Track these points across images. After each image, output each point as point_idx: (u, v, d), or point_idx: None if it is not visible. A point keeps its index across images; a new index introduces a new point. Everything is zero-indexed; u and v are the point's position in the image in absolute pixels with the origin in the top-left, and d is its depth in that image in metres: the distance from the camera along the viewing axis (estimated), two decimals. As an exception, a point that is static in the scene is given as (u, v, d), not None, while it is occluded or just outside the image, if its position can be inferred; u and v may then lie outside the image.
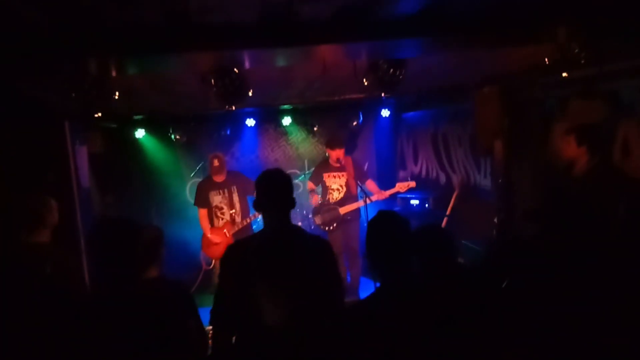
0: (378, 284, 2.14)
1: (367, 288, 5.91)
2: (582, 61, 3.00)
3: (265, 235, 2.44)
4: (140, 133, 7.00)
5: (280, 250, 2.36)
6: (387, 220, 2.12)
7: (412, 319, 1.94)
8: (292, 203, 2.45)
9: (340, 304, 2.48)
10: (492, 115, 4.83)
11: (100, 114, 3.27)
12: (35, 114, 4.77)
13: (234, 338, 2.40)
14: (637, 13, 2.69)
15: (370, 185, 5.76)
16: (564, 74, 3.31)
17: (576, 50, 2.96)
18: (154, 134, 7.18)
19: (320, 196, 6.02)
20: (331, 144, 5.78)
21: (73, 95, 3.02)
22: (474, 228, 5.55)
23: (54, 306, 2.81)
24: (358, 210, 5.84)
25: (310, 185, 6.15)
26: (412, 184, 5.82)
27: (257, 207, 2.48)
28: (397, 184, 5.80)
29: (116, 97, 3.20)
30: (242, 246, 2.47)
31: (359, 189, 5.74)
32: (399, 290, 2.03)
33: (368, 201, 5.49)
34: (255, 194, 2.49)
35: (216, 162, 5.59)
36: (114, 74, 2.97)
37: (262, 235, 2.46)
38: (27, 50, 2.55)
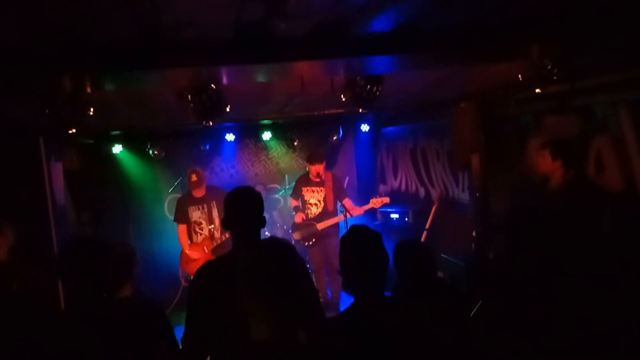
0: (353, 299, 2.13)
1: (348, 304, 5.88)
2: (555, 77, 3.06)
3: (233, 259, 2.39)
4: (117, 148, 6.91)
5: (265, 265, 2.33)
6: (358, 235, 2.13)
7: (384, 334, 1.93)
8: (261, 222, 2.40)
9: (319, 307, 2.46)
10: (468, 130, 4.89)
11: (75, 130, 3.21)
12: (9, 130, 4.69)
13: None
14: (608, 30, 2.76)
15: (347, 203, 5.75)
16: (538, 90, 3.37)
17: (549, 67, 3.03)
18: (131, 149, 7.10)
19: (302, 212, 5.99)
20: (310, 159, 5.79)
21: (47, 111, 2.98)
22: (453, 241, 5.58)
23: (17, 325, 2.74)
24: (337, 225, 5.84)
25: (293, 202, 6.13)
26: (386, 199, 5.84)
27: (225, 225, 2.43)
28: (371, 200, 5.82)
29: (91, 113, 3.16)
30: (210, 269, 2.41)
31: (338, 204, 5.75)
32: (372, 306, 2.02)
33: (348, 215, 5.49)
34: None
35: (194, 177, 5.55)
36: (88, 90, 2.93)
37: (229, 257, 2.40)
38: (-2, 67, 2.51)
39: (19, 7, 1.86)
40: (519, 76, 3.26)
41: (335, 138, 7.36)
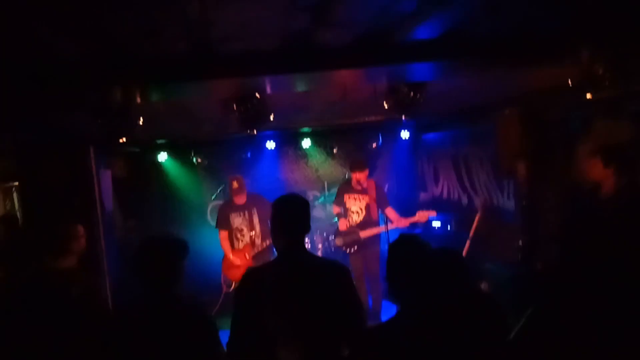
0: (398, 308, 2.10)
1: (389, 312, 5.82)
2: (607, 82, 2.96)
3: (279, 268, 2.38)
4: (162, 157, 7.10)
5: (296, 287, 2.30)
6: (408, 244, 2.10)
7: (430, 344, 1.90)
8: (305, 228, 2.40)
9: (362, 329, 2.42)
10: (514, 136, 4.78)
11: (124, 139, 3.33)
12: (62, 140, 4.88)
13: None
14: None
15: (390, 212, 5.68)
16: (589, 96, 3.27)
17: (600, 71, 2.93)
18: (176, 157, 7.28)
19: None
20: (352, 167, 5.76)
21: (99, 122, 3.10)
22: (498, 250, 5.45)
23: (77, 329, 2.85)
24: (378, 235, 5.78)
25: (335, 208, 6.12)
26: (433, 213, 5.72)
27: (272, 232, 2.44)
28: (418, 213, 5.71)
29: (140, 123, 3.27)
30: (257, 276, 2.42)
31: (379, 214, 5.69)
32: (418, 315, 1.99)
33: (389, 227, 5.43)
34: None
35: (235, 184, 5.62)
36: (138, 101, 3.03)
37: (275, 266, 2.41)
38: (55, 80, 2.62)
39: (78, 22, 1.95)
40: (569, 81, 3.17)
41: (374, 145, 7.33)
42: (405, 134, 7.52)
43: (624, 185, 3.54)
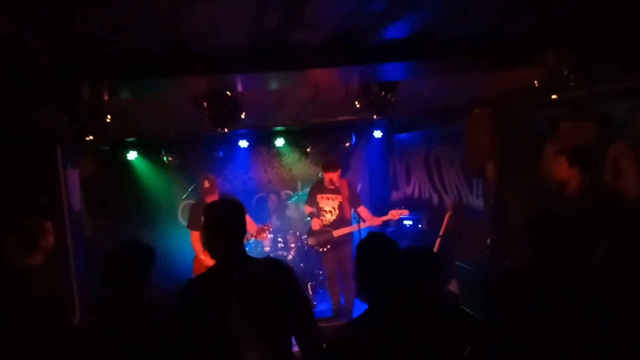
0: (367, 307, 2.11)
1: (361, 311, 5.86)
2: (572, 83, 3.03)
3: (220, 275, 2.28)
4: (132, 155, 6.99)
5: (242, 291, 2.25)
6: (376, 243, 2.11)
7: (394, 343, 1.91)
8: (243, 232, 2.34)
9: (311, 322, 2.35)
10: (483, 136, 4.87)
11: (92, 137, 3.25)
12: (28, 137, 4.75)
13: None
14: (626, 35, 2.73)
15: (363, 211, 5.72)
16: (554, 96, 3.35)
17: (565, 73, 3.00)
18: (146, 156, 7.17)
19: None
20: (325, 166, 5.77)
21: (65, 119, 3.02)
22: (467, 249, 5.54)
23: (39, 331, 2.78)
24: (351, 234, 5.81)
25: (307, 208, 6.12)
26: (405, 212, 5.78)
27: (206, 239, 2.34)
28: (390, 212, 5.76)
29: (108, 120, 3.20)
30: (197, 287, 2.32)
31: (352, 213, 5.72)
32: (384, 314, 2.00)
33: (362, 226, 5.46)
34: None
35: (207, 184, 5.57)
36: (106, 98, 2.97)
37: (216, 274, 2.30)
38: (20, 75, 2.55)
39: (43, 16, 1.90)
40: (535, 82, 3.24)
41: (347, 145, 7.37)
42: (378, 134, 7.59)
43: (588, 185, 3.65)
